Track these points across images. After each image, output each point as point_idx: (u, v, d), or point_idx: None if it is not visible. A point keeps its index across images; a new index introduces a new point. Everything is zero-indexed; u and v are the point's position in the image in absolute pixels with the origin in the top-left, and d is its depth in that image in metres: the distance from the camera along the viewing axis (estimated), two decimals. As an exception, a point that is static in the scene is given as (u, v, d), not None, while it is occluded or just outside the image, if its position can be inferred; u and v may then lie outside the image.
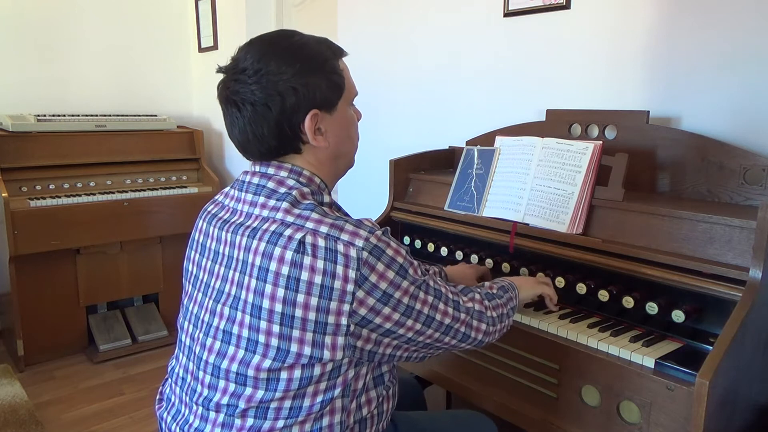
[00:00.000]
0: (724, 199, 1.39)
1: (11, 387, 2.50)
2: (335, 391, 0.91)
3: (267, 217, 0.92)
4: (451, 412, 1.33)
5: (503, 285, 1.18)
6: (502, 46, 1.96)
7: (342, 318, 0.86)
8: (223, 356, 0.92)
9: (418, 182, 1.85)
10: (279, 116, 0.93)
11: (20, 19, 3.05)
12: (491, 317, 1.06)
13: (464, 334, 1.00)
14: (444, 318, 0.96)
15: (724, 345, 1.00)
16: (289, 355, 0.87)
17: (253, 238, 0.90)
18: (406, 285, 0.89)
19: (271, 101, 0.92)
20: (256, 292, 0.88)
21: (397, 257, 0.89)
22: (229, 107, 0.96)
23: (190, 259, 1.06)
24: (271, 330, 0.87)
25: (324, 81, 0.96)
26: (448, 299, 0.97)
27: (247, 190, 0.98)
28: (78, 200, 2.75)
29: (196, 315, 0.99)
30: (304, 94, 0.93)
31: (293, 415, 0.89)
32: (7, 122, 2.75)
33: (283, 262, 0.86)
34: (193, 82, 3.69)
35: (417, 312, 0.91)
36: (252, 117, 0.93)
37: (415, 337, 0.93)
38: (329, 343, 0.86)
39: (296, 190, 0.94)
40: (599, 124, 1.58)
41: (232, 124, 0.97)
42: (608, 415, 1.14)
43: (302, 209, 0.91)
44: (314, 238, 0.86)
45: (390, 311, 0.88)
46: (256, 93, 0.92)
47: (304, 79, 0.93)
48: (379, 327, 0.88)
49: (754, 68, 1.39)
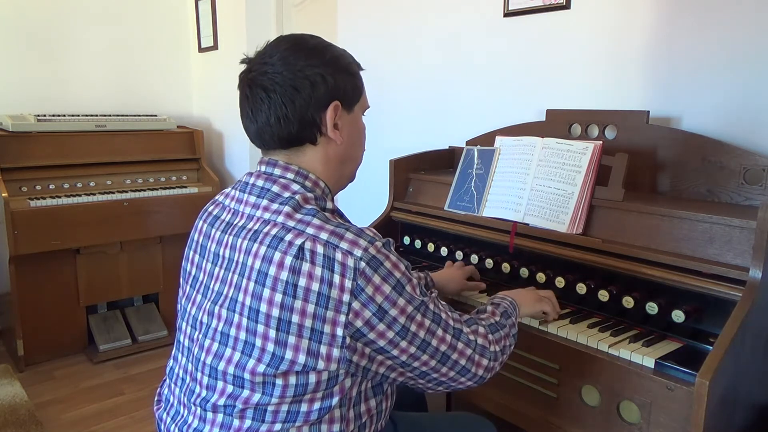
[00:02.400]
0: (724, 199, 1.39)
1: (11, 387, 2.50)
2: (333, 400, 0.90)
3: (268, 220, 0.92)
4: (451, 414, 1.33)
5: (506, 309, 1.13)
6: (502, 46, 1.96)
7: (338, 329, 0.85)
8: (220, 358, 0.92)
9: (418, 182, 1.85)
10: (306, 100, 0.94)
11: (20, 19, 3.05)
12: (494, 352, 1.01)
13: (463, 367, 0.96)
14: (440, 345, 0.92)
15: (724, 345, 1.00)
16: (283, 361, 0.86)
17: (254, 241, 0.90)
18: (402, 303, 0.87)
19: (300, 85, 0.94)
20: (254, 296, 0.88)
21: (394, 271, 0.87)
22: (255, 89, 0.96)
23: (189, 260, 1.05)
24: (267, 334, 0.87)
25: (349, 80, 0.99)
26: (447, 326, 0.94)
27: (250, 192, 0.97)
28: (78, 200, 2.75)
29: (194, 316, 0.99)
30: (331, 84, 0.95)
31: (290, 420, 0.89)
32: (7, 122, 2.74)
33: (282, 267, 0.86)
34: (193, 82, 3.69)
35: (412, 335, 0.89)
36: (278, 99, 0.94)
37: (410, 361, 0.91)
38: (324, 353, 0.86)
39: (300, 194, 0.93)
40: (599, 124, 1.58)
41: (254, 108, 0.97)
42: (608, 415, 1.14)
43: (304, 214, 0.90)
44: (314, 244, 0.86)
45: (385, 328, 0.86)
46: (286, 75, 0.94)
47: (332, 71, 0.96)
48: (373, 342, 0.87)
49: (754, 68, 1.39)
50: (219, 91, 3.43)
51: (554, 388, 1.24)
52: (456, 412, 1.35)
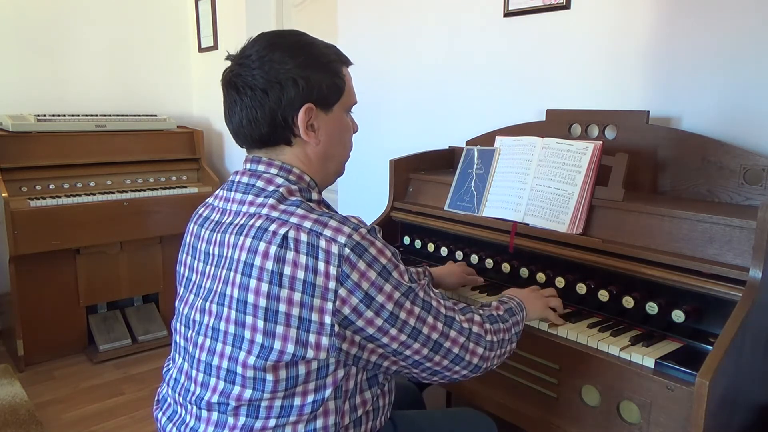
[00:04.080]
0: (724, 199, 1.39)
1: (11, 387, 2.50)
2: (326, 392, 0.90)
3: (254, 213, 0.92)
4: (449, 411, 1.33)
5: (511, 307, 1.12)
6: (502, 46, 1.96)
7: (326, 316, 0.85)
8: (213, 353, 0.92)
9: (418, 182, 1.85)
10: (274, 104, 0.94)
11: (20, 19, 3.05)
12: (490, 341, 0.99)
13: (456, 355, 0.95)
14: (431, 333, 0.91)
15: (724, 345, 1.00)
16: (272, 352, 0.86)
17: (240, 234, 0.91)
18: (389, 289, 0.87)
19: (270, 88, 0.93)
20: (240, 287, 0.88)
21: (380, 257, 0.87)
22: (230, 90, 0.97)
23: (182, 262, 1.06)
24: (255, 325, 0.87)
25: (325, 80, 0.97)
26: (439, 313, 0.93)
27: (237, 190, 0.98)
28: (78, 200, 2.75)
29: (187, 315, 1.00)
30: (303, 87, 0.94)
31: (284, 414, 0.89)
32: (7, 122, 2.74)
33: (267, 256, 0.86)
34: (193, 82, 3.69)
35: (402, 322, 0.88)
36: (249, 101, 0.94)
37: (401, 349, 0.90)
38: (313, 342, 0.86)
39: (284, 187, 0.94)
40: (599, 124, 1.58)
41: (230, 108, 0.98)
42: (608, 415, 1.14)
43: (288, 205, 0.91)
44: (297, 233, 0.86)
45: (373, 315, 0.86)
46: (257, 78, 0.94)
47: (306, 72, 0.94)
48: (362, 330, 0.87)
49: (754, 68, 1.39)
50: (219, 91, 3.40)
51: (554, 388, 1.24)
52: (455, 408, 1.34)
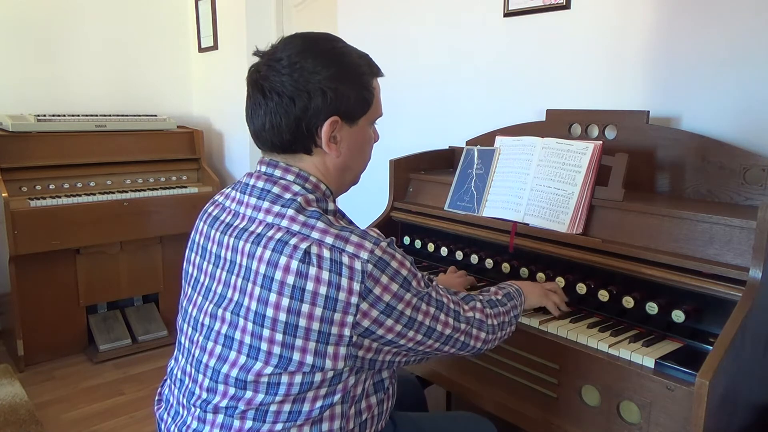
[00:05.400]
0: (724, 199, 1.39)
1: (11, 387, 2.50)
2: (335, 397, 0.90)
3: (272, 223, 0.91)
4: (451, 414, 1.34)
5: (509, 291, 1.17)
6: (502, 46, 1.96)
7: (345, 329, 0.86)
8: (224, 361, 0.92)
9: (418, 182, 1.85)
10: (300, 113, 0.92)
11: (20, 19, 3.05)
12: (491, 325, 1.05)
13: (463, 342, 1.00)
14: (445, 329, 0.96)
15: (723, 345, 1.00)
16: (291, 363, 0.86)
17: (258, 244, 0.90)
18: (409, 297, 0.89)
19: (298, 97, 0.92)
20: (259, 300, 0.88)
21: (401, 269, 0.89)
22: (255, 92, 0.96)
23: (190, 261, 1.05)
24: (273, 338, 0.87)
25: (354, 93, 0.96)
26: (449, 310, 0.97)
27: (251, 194, 0.97)
28: (78, 200, 2.75)
29: (195, 318, 0.99)
30: (331, 99, 0.93)
31: (292, 419, 0.89)
32: (7, 122, 2.74)
33: (288, 271, 0.86)
34: (193, 82, 3.69)
35: (419, 324, 0.91)
36: (274, 107, 0.93)
37: (416, 347, 0.94)
38: (331, 353, 0.86)
39: (301, 196, 0.93)
40: (599, 124, 1.58)
41: (254, 110, 0.96)
42: (608, 415, 1.14)
43: (308, 216, 0.90)
44: (320, 248, 0.86)
45: (393, 323, 0.88)
46: (286, 84, 0.92)
47: (336, 84, 0.93)
48: (381, 338, 0.89)
49: (754, 68, 1.39)
50: (219, 91, 3.43)
51: (554, 388, 1.24)
52: (456, 412, 1.35)
